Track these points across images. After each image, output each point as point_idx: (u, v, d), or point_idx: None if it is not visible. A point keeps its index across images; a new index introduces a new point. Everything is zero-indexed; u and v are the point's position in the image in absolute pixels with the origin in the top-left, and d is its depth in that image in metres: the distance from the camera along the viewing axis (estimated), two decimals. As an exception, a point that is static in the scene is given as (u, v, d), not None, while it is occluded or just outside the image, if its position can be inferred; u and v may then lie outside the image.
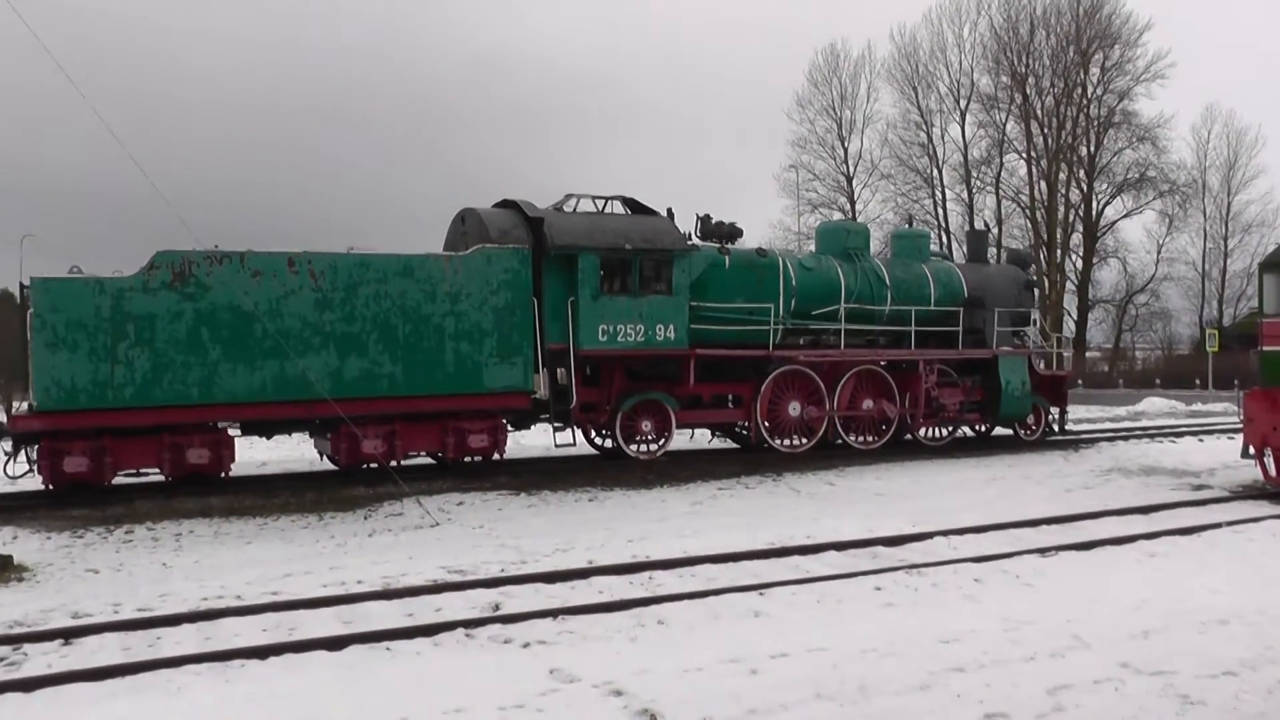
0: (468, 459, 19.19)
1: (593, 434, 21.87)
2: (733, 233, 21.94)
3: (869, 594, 11.02)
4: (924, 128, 60.86)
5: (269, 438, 20.17)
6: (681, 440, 22.94)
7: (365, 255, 17.99)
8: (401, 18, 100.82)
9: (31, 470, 16.87)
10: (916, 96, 60.62)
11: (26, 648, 9.70)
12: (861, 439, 23.09)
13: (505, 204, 20.43)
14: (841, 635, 9.25)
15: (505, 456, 19.76)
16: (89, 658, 9.36)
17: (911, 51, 60.75)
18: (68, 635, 10.03)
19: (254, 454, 23.21)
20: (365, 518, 16.48)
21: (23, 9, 14.20)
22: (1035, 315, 26.17)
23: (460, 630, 9.75)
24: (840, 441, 22.69)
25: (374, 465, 18.24)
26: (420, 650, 9.29)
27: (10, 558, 13.39)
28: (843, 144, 62.71)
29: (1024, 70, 58.03)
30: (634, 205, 20.86)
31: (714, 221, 21.90)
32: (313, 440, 20.33)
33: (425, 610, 10.74)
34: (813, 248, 25.32)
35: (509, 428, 19.67)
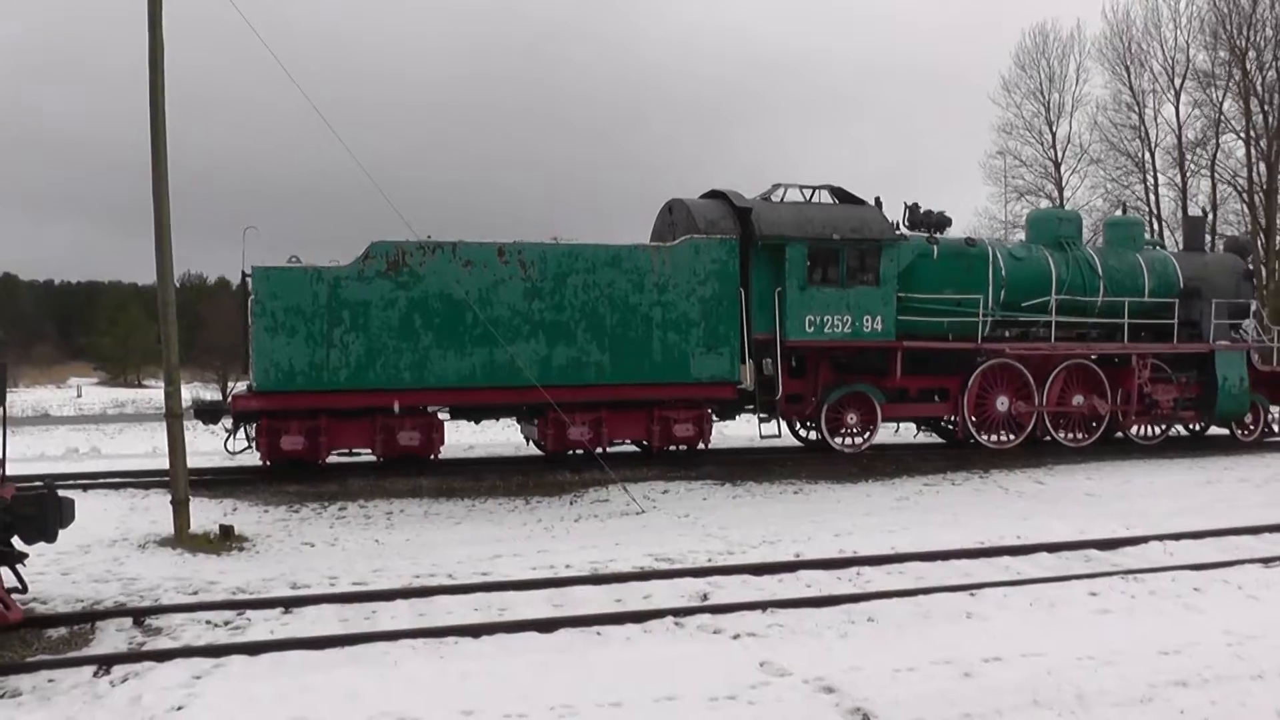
0: (673, 448, 19.39)
1: (797, 426, 21.79)
2: (941, 222, 21.40)
3: (1083, 599, 10.71)
4: (1136, 109, 58.23)
5: (477, 422, 20.77)
6: (886, 434, 22.64)
7: (573, 245, 18.30)
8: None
9: (250, 447, 17.82)
10: (1128, 76, 57.98)
11: (249, 613, 10.27)
12: (1071, 436, 22.38)
13: (713, 194, 20.46)
14: (1056, 641, 9.06)
15: (710, 446, 19.85)
16: (309, 627, 9.84)
17: (1124, 28, 58.20)
18: (288, 604, 10.57)
19: (461, 438, 23.83)
20: (571, 503, 16.83)
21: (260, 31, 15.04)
22: (1254, 307, 24.93)
23: (669, 618, 9.86)
24: (1049, 438, 22.06)
25: (580, 452, 18.58)
26: (630, 636, 9.42)
27: (231, 528, 14.24)
28: (1050, 128, 60.60)
29: (1244, 43, 54.96)
30: (841, 194, 20.57)
31: (922, 210, 21.41)
32: (519, 426, 20.81)
33: (634, 597, 10.92)
34: (1020, 236, 24.61)
35: (714, 418, 19.78)
